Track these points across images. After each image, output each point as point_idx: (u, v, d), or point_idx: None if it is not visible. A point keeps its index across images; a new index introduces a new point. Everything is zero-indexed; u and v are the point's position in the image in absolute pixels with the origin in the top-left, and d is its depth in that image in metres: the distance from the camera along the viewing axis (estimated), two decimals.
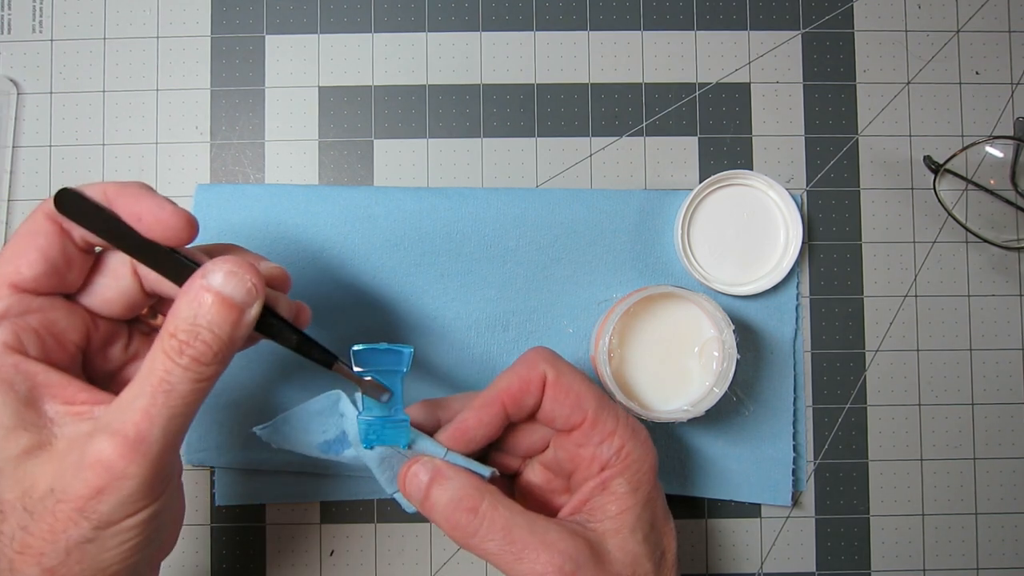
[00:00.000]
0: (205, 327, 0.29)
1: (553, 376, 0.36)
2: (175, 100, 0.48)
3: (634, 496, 0.36)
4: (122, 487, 0.28)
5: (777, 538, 0.47)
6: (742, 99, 0.48)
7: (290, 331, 0.33)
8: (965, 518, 0.47)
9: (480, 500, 0.34)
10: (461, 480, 0.35)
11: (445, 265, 0.46)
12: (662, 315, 0.43)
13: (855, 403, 0.47)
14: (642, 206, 0.46)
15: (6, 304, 0.30)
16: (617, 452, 0.36)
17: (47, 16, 0.48)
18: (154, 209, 0.30)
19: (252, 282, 0.30)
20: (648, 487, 0.36)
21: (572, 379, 0.37)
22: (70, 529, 0.28)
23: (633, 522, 0.35)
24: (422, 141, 0.48)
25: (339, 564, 0.46)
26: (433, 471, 0.35)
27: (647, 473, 0.36)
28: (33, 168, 0.47)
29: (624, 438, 0.36)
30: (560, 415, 0.36)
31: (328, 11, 0.48)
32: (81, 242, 0.31)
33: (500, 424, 0.37)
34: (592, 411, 0.36)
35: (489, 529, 0.34)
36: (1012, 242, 0.48)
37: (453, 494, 0.34)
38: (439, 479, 0.35)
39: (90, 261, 0.32)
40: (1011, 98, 0.49)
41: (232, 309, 0.29)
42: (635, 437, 0.37)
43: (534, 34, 0.48)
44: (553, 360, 0.37)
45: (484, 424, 0.36)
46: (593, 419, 0.36)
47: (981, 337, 0.48)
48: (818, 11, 0.49)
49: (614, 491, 0.36)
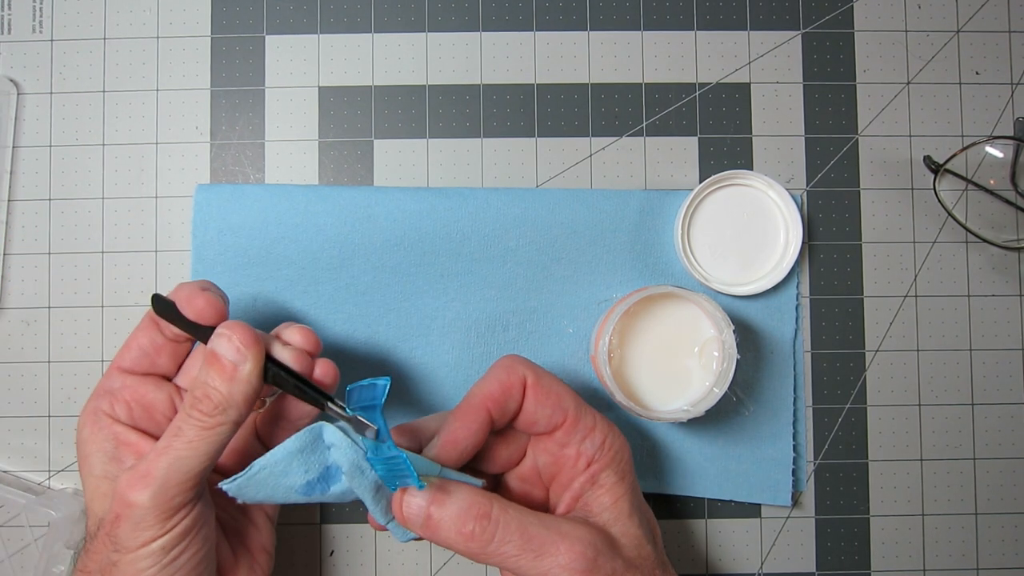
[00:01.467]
0: (208, 383, 0.34)
1: (533, 379, 0.37)
2: (175, 100, 0.48)
3: (623, 484, 0.37)
4: (132, 514, 0.33)
5: (777, 538, 0.47)
6: (742, 99, 0.48)
7: (288, 376, 0.36)
8: (965, 518, 0.47)
9: (490, 505, 0.34)
10: (463, 491, 0.35)
11: (445, 265, 0.46)
12: (662, 315, 0.43)
13: (855, 403, 0.47)
14: (642, 206, 0.46)
15: (118, 384, 0.38)
16: (601, 446, 0.37)
17: (47, 16, 0.48)
18: (196, 301, 0.36)
19: (238, 343, 0.34)
20: (631, 475, 0.38)
21: (550, 381, 0.38)
22: (103, 551, 0.34)
23: (628, 508, 0.37)
24: (422, 141, 0.48)
25: (339, 564, 0.46)
26: (430, 493, 0.34)
27: (628, 462, 0.38)
28: (33, 168, 0.47)
29: (604, 432, 0.38)
30: (542, 416, 0.37)
31: (328, 11, 0.48)
32: (170, 334, 0.38)
33: (486, 431, 0.37)
34: (572, 409, 0.38)
35: (505, 531, 0.34)
36: (1012, 242, 0.48)
37: (460, 506, 0.34)
38: (439, 497, 0.34)
39: (185, 350, 0.39)
40: (1011, 98, 0.49)
41: (224, 367, 0.34)
42: (613, 430, 0.38)
43: (534, 34, 0.48)
44: (530, 365, 0.38)
45: (472, 432, 0.36)
46: (575, 417, 0.38)
47: (981, 337, 0.48)
48: (818, 11, 0.49)
49: (603, 483, 0.37)
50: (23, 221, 0.47)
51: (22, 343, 0.47)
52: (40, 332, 0.47)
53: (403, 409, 0.46)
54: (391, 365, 0.46)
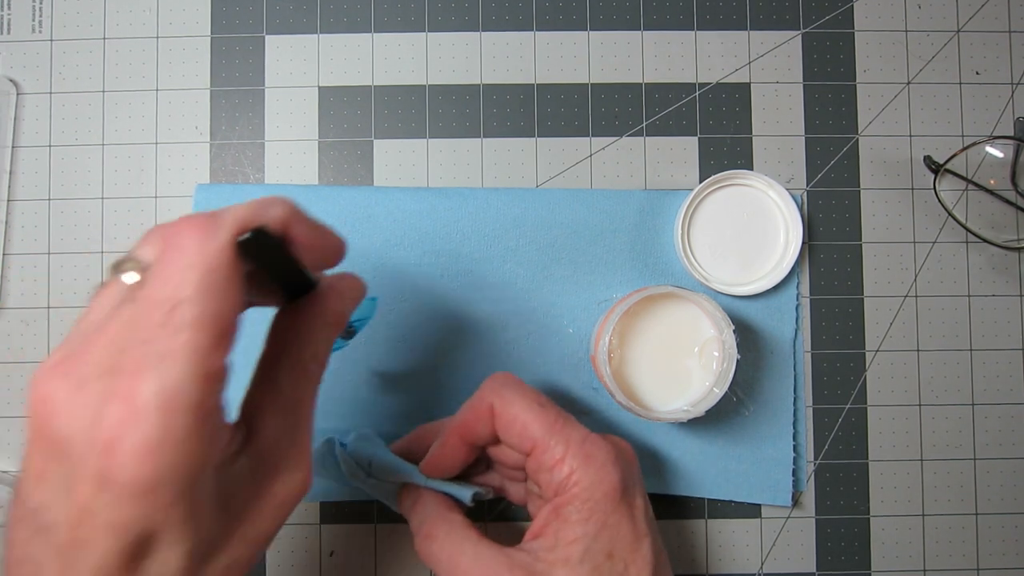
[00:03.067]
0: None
1: (499, 407, 0.36)
2: (175, 100, 0.48)
3: (584, 526, 0.34)
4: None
5: (777, 538, 0.47)
6: (742, 99, 0.48)
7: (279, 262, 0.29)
8: (965, 518, 0.47)
9: (439, 529, 0.37)
10: (429, 509, 0.38)
11: (445, 265, 0.46)
12: (662, 315, 0.43)
13: (855, 403, 0.47)
14: (642, 206, 0.46)
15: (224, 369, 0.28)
16: (566, 479, 0.35)
17: (47, 16, 0.48)
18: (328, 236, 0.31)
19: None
20: (602, 515, 0.35)
21: (518, 409, 0.36)
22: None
23: (580, 554, 0.34)
24: (422, 141, 0.48)
25: (339, 564, 0.46)
26: (414, 499, 0.39)
27: (600, 501, 0.35)
28: (33, 168, 0.47)
29: (572, 466, 0.35)
30: (512, 443, 0.37)
31: (328, 11, 0.48)
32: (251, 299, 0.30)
33: (467, 453, 0.38)
34: (539, 439, 0.35)
35: (438, 554, 0.37)
36: (1012, 242, 0.48)
37: (421, 520, 0.38)
38: (415, 506, 0.39)
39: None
40: (1011, 98, 0.49)
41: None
42: (587, 463, 0.35)
43: (534, 34, 0.48)
44: (500, 389, 0.37)
45: (450, 456, 0.38)
46: (542, 447, 0.35)
47: (981, 337, 0.48)
48: (818, 11, 0.49)
49: (567, 518, 0.35)
50: (23, 221, 0.47)
51: (22, 343, 0.47)
52: (40, 332, 0.47)
53: (403, 408, 0.46)
54: (391, 365, 0.46)
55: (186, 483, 0.25)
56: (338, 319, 0.31)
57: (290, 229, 0.29)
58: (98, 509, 0.24)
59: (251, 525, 0.29)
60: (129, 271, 0.27)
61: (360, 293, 0.33)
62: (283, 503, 0.30)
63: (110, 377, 0.24)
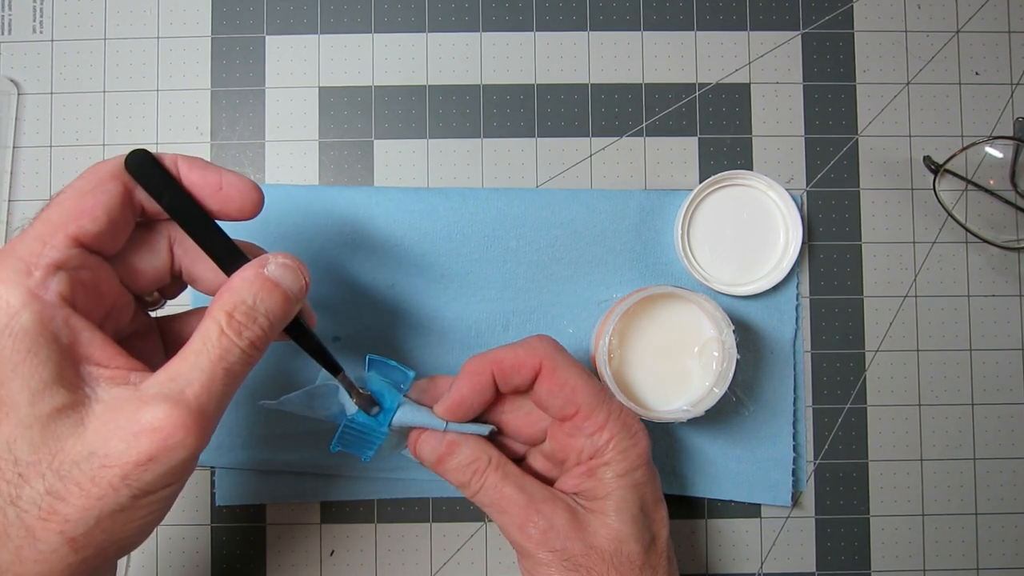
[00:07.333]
0: (263, 313, 0.30)
1: (550, 368, 0.37)
2: (175, 100, 0.48)
3: (619, 481, 0.37)
4: (172, 457, 0.27)
5: (777, 538, 0.47)
6: (742, 99, 0.48)
7: (309, 335, 0.35)
8: (965, 518, 0.47)
9: (486, 463, 0.38)
10: (469, 447, 0.38)
11: (445, 265, 0.46)
12: (662, 315, 0.43)
13: (855, 403, 0.47)
14: (642, 206, 0.46)
15: (65, 255, 0.28)
16: (605, 444, 0.37)
17: (47, 16, 0.48)
18: (233, 180, 0.31)
19: (305, 279, 0.32)
20: (637, 473, 0.38)
21: (568, 374, 0.38)
22: (108, 496, 0.27)
23: (617, 503, 0.37)
24: (422, 141, 0.48)
25: (339, 564, 0.46)
26: (446, 444, 0.38)
27: (634, 460, 0.38)
28: (33, 168, 0.47)
29: (613, 432, 0.37)
30: (553, 405, 0.38)
31: (328, 11, 0.48)
32: (138, 208, 0.31)
33: (490, 393, 0.38)
34: (584, 406, 0.37)
35: (492, 492, 0.37)
36: (1012, 242, 0.48)
37: (461, 460, 0.38)
38: (452, 450, 0.38)
39: (131, 229, 0.31)
40: (1011, 98, 0.49)
41: (287, 301, 0.31)
42: (625, 429, 0.38)
43: (534, 34, 0.48)
44: (552, 352, 0.38)
45: (476, 392, 0.38)
46: (586, 413, 0.37)
47: (981, 337, 0.48)
48: (818, 11, 0.49)
49: (600, 478, 0.37)
50: (23, 221, 0.47)
51: None
52: None
53: None
54: None
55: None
56: (242, 286, 0.30)
57: (177, 161, 0.31)
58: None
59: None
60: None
61: (292, 277, 0.31)
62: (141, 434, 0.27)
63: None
